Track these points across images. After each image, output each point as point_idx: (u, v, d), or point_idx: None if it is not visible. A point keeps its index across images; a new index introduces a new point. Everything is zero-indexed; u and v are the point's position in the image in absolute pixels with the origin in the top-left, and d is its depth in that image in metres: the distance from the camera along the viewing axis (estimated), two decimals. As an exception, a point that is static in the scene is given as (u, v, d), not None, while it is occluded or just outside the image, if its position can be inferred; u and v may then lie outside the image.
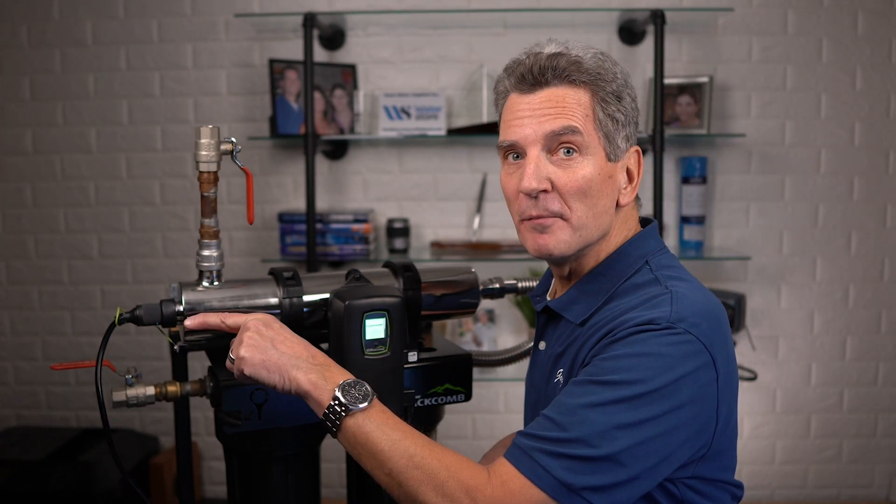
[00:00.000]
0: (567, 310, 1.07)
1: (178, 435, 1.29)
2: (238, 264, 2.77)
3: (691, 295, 0.98)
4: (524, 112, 1.02)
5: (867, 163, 2.70)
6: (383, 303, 1.10)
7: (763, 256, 2.73)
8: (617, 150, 1.03)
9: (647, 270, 1.04)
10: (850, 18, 2.64)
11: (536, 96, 1.02)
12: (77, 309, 2.84)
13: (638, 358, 0.91)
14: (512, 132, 1.03)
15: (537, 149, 1.01)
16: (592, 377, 0.92)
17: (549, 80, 1.01)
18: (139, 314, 1.11)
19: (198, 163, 1.13)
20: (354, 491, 1.33)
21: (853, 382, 2.78)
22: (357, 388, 0.96)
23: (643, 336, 0.92)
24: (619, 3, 2.60)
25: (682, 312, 0.94)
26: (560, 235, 1.02)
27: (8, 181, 2.80)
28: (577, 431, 0.88)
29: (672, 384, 0.90)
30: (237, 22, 2.68)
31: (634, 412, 0.88)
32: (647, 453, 0.88)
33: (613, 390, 0.89)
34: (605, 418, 0.88)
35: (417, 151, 2.73)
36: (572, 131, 0.99)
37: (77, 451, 2.56)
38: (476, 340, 2.72)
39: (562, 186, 1.00)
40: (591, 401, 0.89)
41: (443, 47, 2.69)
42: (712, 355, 0.93)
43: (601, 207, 1.02)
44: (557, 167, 1.00)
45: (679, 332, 0.92)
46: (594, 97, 1.01)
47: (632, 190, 1.06)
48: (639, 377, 0.89)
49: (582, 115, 1.00)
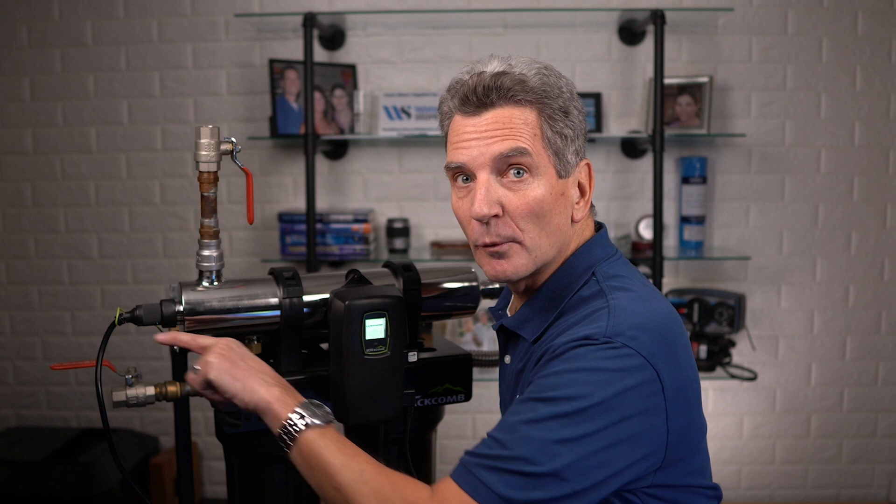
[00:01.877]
0: (521, 328, 1.06)
1: (178, 435, 1.29)
2: (238, 264, 2.77)
3: (630, 306, 0.95)
4: (471, 134, 0.99)
5: (867, 163, 2.70)
6: (383, 303, 1.10)
7: (763, 256, 2.73)
8: (567, 166, 1.01)
9: (594, 282, 1.02)
10: (850, 18, 2.64)
11: (482, 118, 0.99)
12: (77, 309, 2.84)
13: (576, 373, 0.90)
14: (459, 154, 1.00)
15: (486, 172, 0.99)
16: (533, 395, 0.92)
17: (494, 100, 0.98)
18: (139, 314, 1.11)
19: (198, 163, 1.13)
20: (354, 491, 1.33)
21: (853, 382, 2.78)
22: (318, 408, 1.00)
23: (581, 351, 0.91)
24: (619, 3, 2.60)
25: (619, 326, 0.92)
26: (517, 260, 1.01)
27: (8, 181, 2.80)
28: (518, 449, 0.87)
29: (613, 398, 0.88)
30: (237, 22, 2.68)
31: (575, 427, 0.87)
32: (590, 468, 0.87)
33: (553, 406, 0.88)
34: (545, 434, 0.87)
35: (417, 151, 2.73)
36: (521, 153, 0.97)
37: (77, 451, 2.56)
38: (476, 340, 2.72)
39: (513, 210, 0.98)
40: (531, 417, 0.89)
41: (443, 47, 2.69)
42: (655, 367, 0.91)
43: (554, 226, 1.01)
44: (508, 189, 0.99)
45: (616, 346, 0.90)
46: (541, 115, 0.99)
47: (584, 204, 1.05)
48: (578, 393, 0.88)
49: (530, 134, 0.98)
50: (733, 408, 2.79)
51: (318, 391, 1.17)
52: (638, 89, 2.68)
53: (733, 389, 2.77)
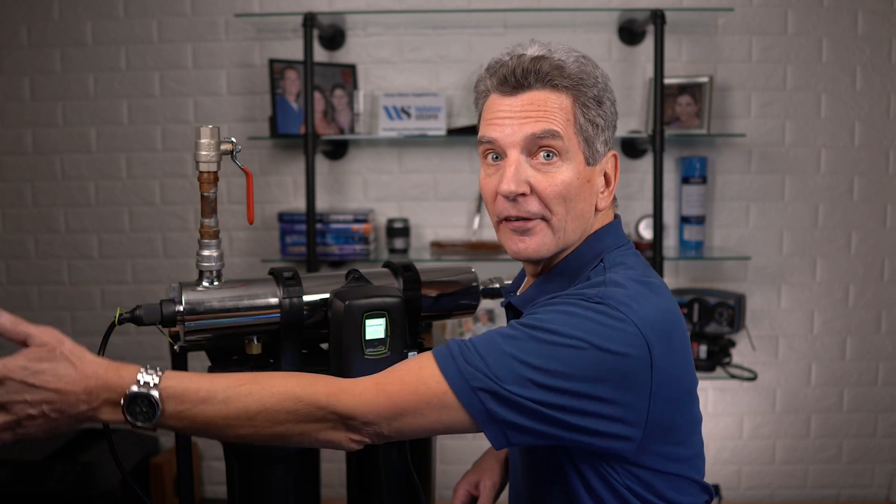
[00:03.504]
0: (526, 307, 1.07)
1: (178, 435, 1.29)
2: (238, 264, 2.77)
3: (629, 284, 0.97)
4: (505, 113, 1.02)
5: (867, 163, 2.70)
6: (383, 303, 1.10)
7: (763, 256, 2.73)
8: (596, 155, 1.03)
9: (601, 268, 1.04)
10: (850, 18, 2.64)
11: (518, 99, 1.01)
12: (77, 309, 2.84)
13: (567, 316, 0.92)
14: (492, 130, 1.02)
15: (517, 151, 1.01)
16: (521, 322, 0.95)
17: (531, 83, 1.01)
18: (139, 314, 1.11)
19: (198, 163, 1.13)
20: (354, 491, 1.33)
21: (853, 382, 2.78)
22: (139, 403, 0.88)
23: (573, 302, 0.94)
24: (619, 3, 2.60)
25: (615, 294, 0.94)
26: (541, 239, 1.02)
27: (8, 181, 2.80)
28: (494, 368, 0.91)
29: (597, 354, 0.90)
30: (237, 22, 2.68)
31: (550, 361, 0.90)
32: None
33: (537, 333, 0.92)
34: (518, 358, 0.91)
35: (417, 151, 2.73)
36: (553, 135, 0.99)
37: (77, 451, 2.56)
38: (476, 340, 2.71)
39: (542, 191, 1.00)
40: (511, 334, 0.93)
41: (443, 47, 2.69)
42: (646, 340, 0.91)
43: (579, 211, 1.03)
44: (537, 171, 1.01)
45: (610, 307, 0.92)
46: (576, 102, 1.01)
47: (609, 194, 1.07)
48: (565, 330, 0.91)
49: (563, 119, 1.00)
50: (733, 408, 2.79)
51: (318, 391, 1.17)
52: (638, 89, 2.68)
53: (733, 389, 2.77)
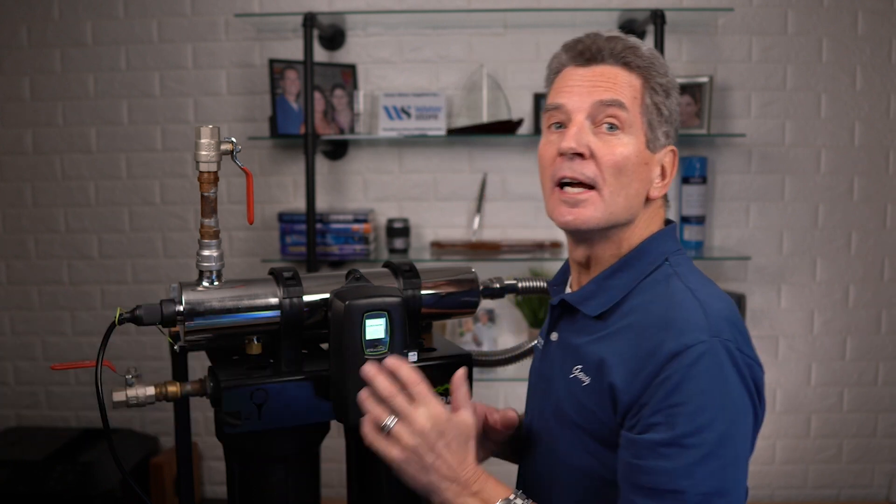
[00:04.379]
0: (583, 304, 1.07)
1: (178, 435, 1.29)
2: (238, 264, 2.77)
3: (717, 304, 0.99)
4: (576, 81, 1.04)
5: (867, 163, 2.70)
6: (383, 303, 1.10)
7: (763, 256, 2.73)
8: (656, 142, 1.04)
9: (668, 266, 1.05)
10: (850, 18, 2.64)
11: (590, 70, 1.04)
12: (77, 309, 2.84)
13: (701, 397, 0.92)
14: (560, 96, 1.05)
15: (582, 116, 1.02)
16: (672, 440, 0.92)
17: (604, 57, 1.03)
18: (139, 314, 1.11)
19: (198, 163, 1.12)
20: (354, 491, 1.33)
21: (853, 382, 2.78)
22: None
23: (694, 372, 0.92)
24: (619, 3, 2.60)
25: (718, 325, 0.95)
26: (591, 210, 1.02)
27: (8, 181, 2.80)
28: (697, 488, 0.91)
29: (730, 405, 0.92)
30: (237, 22, 2.68)
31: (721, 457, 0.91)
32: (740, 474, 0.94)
33: (698, 449, 0.91)
34: (706, 466, 0.90)
35: (417, 151, 2.73)
36: (619, 105, 1.01)
37: (77, 451, 2.56)
38: (476, 340, 2.72)
39: (600, 157, 1.01)
40: (688, 462, 0.91)
41: (443, 47, 2.69)
42: (753, 358, 0.97)
43: (633, 190, 1.03)
44: (598, 139, 1.02)
45: (715, 347, 0.93)
46: (645, 84, 1.03)
47: (663, 186, 1.07)
48: (712, 418, 0.91)
49: (630, 95, 1.02)
50: (733, 408, 2.79)
51: (318, 391, 1.17)
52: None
53: (733, 389, 2.77)
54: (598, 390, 0.99)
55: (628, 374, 0.95)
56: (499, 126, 2.55)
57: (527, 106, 2.67)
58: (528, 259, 2.61)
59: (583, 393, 1.02)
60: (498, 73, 2.65)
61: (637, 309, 1.01)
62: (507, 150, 2.71)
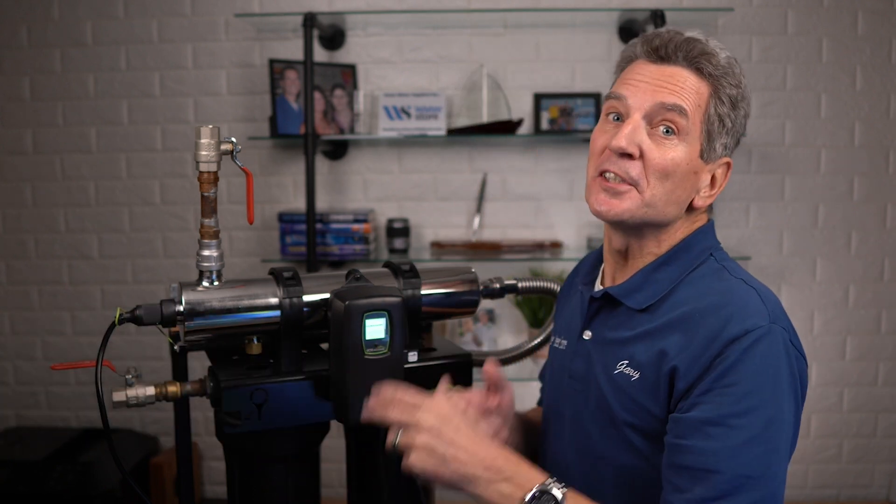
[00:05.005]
0: (628, 297, 1.06)
1: (178, 435, 1.29)
2: (238, 264, 2.77)
3: (770, 294, 1.02)
4: (644, 77, 1.02)
5: (867, 163, 2.70)
6: (383, 303, 1.10)
7: (763, 256, 2.73)
8: (712, 153, 1.03)
9: (713, 261, 1.06)
10: (850, 18, 2.64)
11: (661, 69, 1.02)
12: (77, 309, 2.84)
13: (753, 379, 0.92)
14: (624, 88, 1.03)
15: (640, 115, 1.01)
16: (718, 419, 0.92)
17: (678, 59, 1.02)
18: (139, 314, 1.11)
19: (198, 163, 1.13)
20: (354, 491, 1.33)
21: (853, 382, 2.78)
22: (545, 498, 0.91)
23: (750, 354, 0.93)
24: (619, 3, 2.60)
25: (776, 310, 0.98)
26: (629, 204, 1.01)
27: (8, 181, 2.80)
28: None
29: (780, 392, 0.93)
30: (237, 22, 2.68)
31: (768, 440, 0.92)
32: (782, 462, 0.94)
33: (744, 431, 0.91)
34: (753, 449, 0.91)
35: (417, 151, 2.73)
36: (680, 111, 1.00)
37: (77, 451, 2.56)
38: (476, 340, 2.72)
39: (649, 159, 1.00)
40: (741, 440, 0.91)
41: (443, 47, 2.69)
42: (800, 351, 0.99)
43: (675, 196, 1.02)
44: (652, 140, 1.01)
45: (774, 333, 0.96)
46: (713, 93, 1.02)
47: (710, 197, 1.06)
48: (761, 402, 0.92)
49: (694, 103, 1.00)
50: (733, 408, 2.79)
51: (318, 391, 1.17)
52: (638, 89, 2.68)
53: (733, 389, 2.77)
54: (652, 383, 0.98)
55: (689, 360, 0.95)
56: (499, 126, 2.55)
57: (527, 106, 2.67)
58: (528, 259, 2.61)
59: (633, 388, 1.00)
60: (498, 73, 2.65)
61: (688, 300, 1.00)
62: (507, 150, 2.71)
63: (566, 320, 1.20)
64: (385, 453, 0.98)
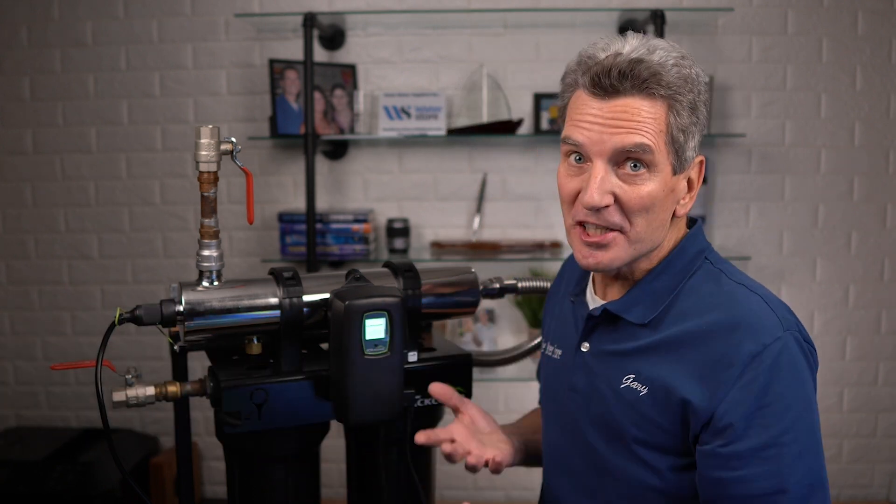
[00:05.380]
0: (628, 312, 1.03)
1: (178, 435, 1.29)
2: (238, 264, 2.77)
3: (770, 294, 1.01)
4: (595, 118, 0.96)
5: (867, 163, 2.70)
6: (383, 303, 1.10)
7: (763, 256, 2.73)
8: (684, 163, 1.00)
9: (708, 264, 1.04)
10: (850, 18, 2.64)
11: (609, 104, 0.95)
12: (77, 309, 2.84)
13: (787, 394, 0.93)
14: (579, 133, 0.97)
15: (603, 161, 0.96)
16: (770, 442, 0.92)
17: (626, 89, 0.94)
18: (139, 314, 1.11)
19: (198, 163, 1.13)
20: (354, 491, 1.33)
21: (853, 382, 2.78)
22: None
23: (776, 371, 0.93)
24: (619, 3, 2.60)
25: (787, 316, 0.97)
26: (616, 252, 0.99)
27: (8, 181, 2.80)
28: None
29: (811, 404, 0.95)
30: (237, 22, 2.68)
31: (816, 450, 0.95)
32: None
33: (795, 445, 0.93)
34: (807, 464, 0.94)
35: (417, 151, 2.73)
36: (644, 150, 0.94)
37: (77, 451, 2.56)
38: (476, 340, 2.72)
39: (626, 202, 0.96)
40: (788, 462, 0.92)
41: (443, 47, 2.69)
42: (807, 340, 0.98)
43: (659, 221, 1.00)
44: (623, 182, 0.96)
45: (789, 342, 0.94)
46: (670, 111, 0.96)
47: (689, 200, 1.04)
48: (799, 412, 0.93)
49: (655, 130, 0.95)
50: (733, 408, 2.79)
51: (318, 391, 1.17)
52: (638, 89, 2.68)
53: (733, 389, 2.77)
54: (663, 401, 0.97)
55: (703, 386, 0.93)
56: (499, 126, 2.55)
57: (527, 106, 2.67)
58: (528, 259, 2.61)
59: (641, 403, 0.99)
60: (498, 73, 2.65)
61: (691, 313, 0.99)
62: (507, 150, 2.71)
63: (559, 328, 1.18)
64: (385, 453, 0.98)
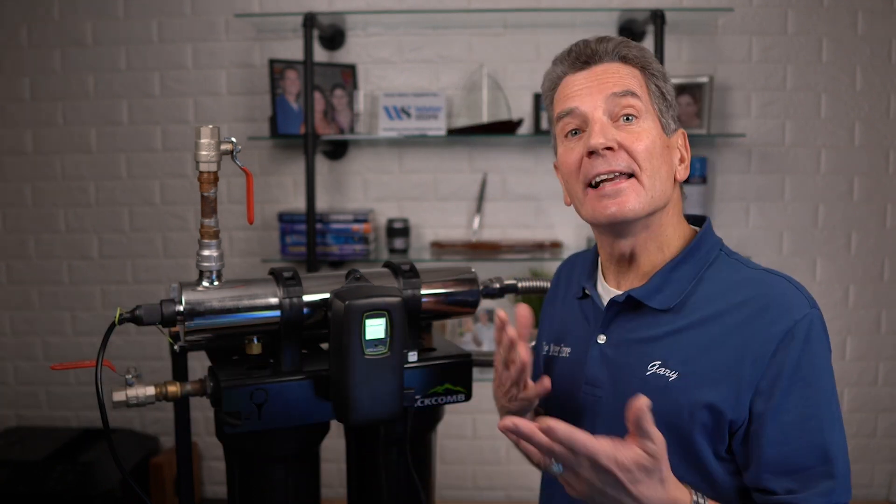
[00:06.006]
0: (651, 298, 1.04)
1: (178, 435, 1.29)
2: (238, 264, 2.77)
3: (791, 277, 1.07)
4: (582, 84, 1.04)
5: (867, 163, 2.70)
6: (383, 303, 1.10)
7: (763, 256, 2.73)
8: (668, 127, 1.06)
9: (724, 256, 1.08)
10: (850, 18, 2.64)
11: (591, 71, 1.04)
12: (77, 309, 2.84)
13: (820, 366, 1.00)
14: (570, 101, 1.04)
15: (600, 112, 1.02)
16: (809, 414, 0.96)
17: (602, 56, 1.04)
18: (139, 314, 1.11)
19: (198, 163, 1.13)
20: (354, 491, 1.33)
21: (853, 382, 2.78)
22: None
23: (808, 345, 0.99)
24: (619, 3, 2.60)
25: (809, 294, 1.04)
26: (634, 198, 1.01)
27: (8, 181, 2.80)
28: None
29: (830, 368, 1.02)
30: (237, 22, 2.68)
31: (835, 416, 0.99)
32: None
33: (831, 414, 0.97)
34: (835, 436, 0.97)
35: (417, 151, 2.73)
36: (633, 94, 1.02)
37: (77, 451, 2.56)
38: (476, 340, 2.72)
39: (629, 146, 1.00)
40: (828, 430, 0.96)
41: (443, 47, 2.69)
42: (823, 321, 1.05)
43: (664, 174, 1.04)
44: (621, 131, 1.01)
45: (816, 318, 1.01)
46: (644, 73, 1.05)
47: (685, 168, 1.09)
48: (827, 383, 1.00)
49: (637, 84, 1.03)
50: (733, 408, 2.79)
51: (318, 391, 1.17)
52: (638, 89, 2.68)
53: (733, 389, 2.77)
54: (695, 384, 0.97)
55: (739, 366, 0.96)
56: (499, 126, 2.55)
57: (527, 106, 2.67)
58: (528, 259, 2.61)
59: (673, 388, 0.98)
60: (498, 73, 2.65)
61: (717, 297, 1.01)
62: (507, 150, 2.71)
63: (563, 327, 1.17)
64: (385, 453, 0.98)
